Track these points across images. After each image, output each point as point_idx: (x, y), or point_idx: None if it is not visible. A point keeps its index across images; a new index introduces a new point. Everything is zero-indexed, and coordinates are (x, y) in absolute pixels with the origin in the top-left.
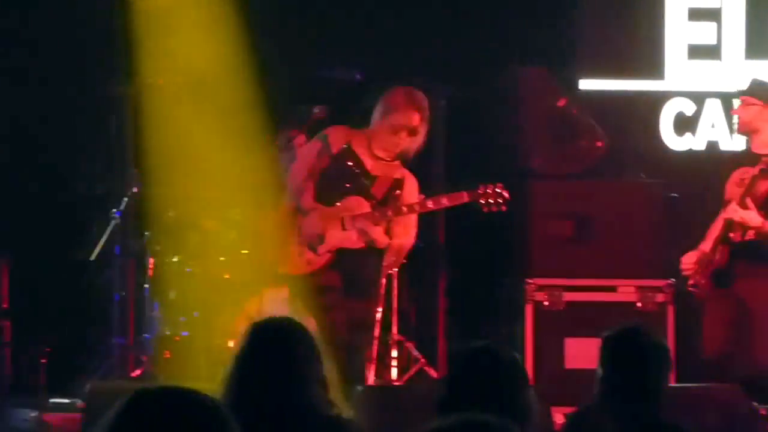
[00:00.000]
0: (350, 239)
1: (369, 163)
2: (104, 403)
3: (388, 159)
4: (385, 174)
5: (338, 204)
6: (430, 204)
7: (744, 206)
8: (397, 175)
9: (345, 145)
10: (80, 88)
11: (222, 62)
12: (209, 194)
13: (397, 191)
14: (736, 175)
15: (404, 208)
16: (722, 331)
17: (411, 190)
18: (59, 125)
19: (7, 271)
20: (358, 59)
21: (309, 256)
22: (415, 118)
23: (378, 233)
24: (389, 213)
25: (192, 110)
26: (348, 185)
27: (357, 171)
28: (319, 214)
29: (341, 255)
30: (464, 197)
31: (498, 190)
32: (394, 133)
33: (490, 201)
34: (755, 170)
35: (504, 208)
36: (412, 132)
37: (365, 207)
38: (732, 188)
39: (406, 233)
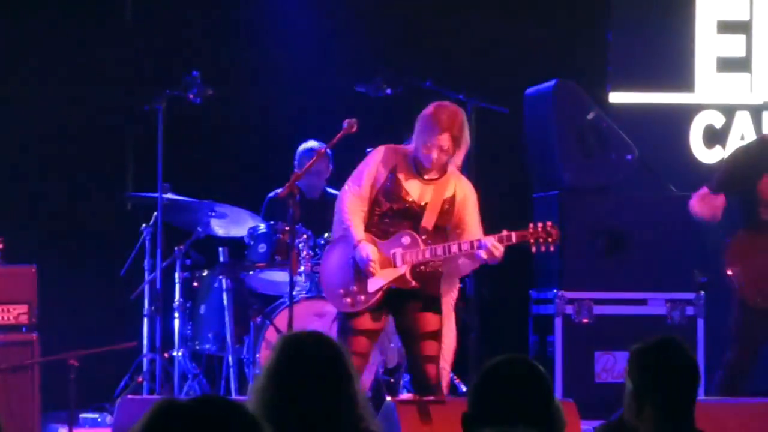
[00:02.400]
0: (402, 278)
1: (416, 190)
2: (134, 419)
3: (437, 176)
4: (435, 198)
5: (390, 238)
6: (483, 255)
7: None
8: (448, 193)
9: (392, 171)
10: (111, 102)
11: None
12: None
13: (452, 210)
14: None
15: (454, 249)
16: None
17: (464, 203)
18: (90, 138)
19: (36, 285)
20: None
21: (359, 296)
22: (445, 138)
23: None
24: (439, 252)
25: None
26: (398, 216)
27: (405, 200)
28: (371, 248)
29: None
30: (512, 238)
31: (549, 229)
32: (428, 152)
33: (540, 240)
34: None
35: (552, 247)
36: (444, 151)
37: (417, 242)
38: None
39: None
